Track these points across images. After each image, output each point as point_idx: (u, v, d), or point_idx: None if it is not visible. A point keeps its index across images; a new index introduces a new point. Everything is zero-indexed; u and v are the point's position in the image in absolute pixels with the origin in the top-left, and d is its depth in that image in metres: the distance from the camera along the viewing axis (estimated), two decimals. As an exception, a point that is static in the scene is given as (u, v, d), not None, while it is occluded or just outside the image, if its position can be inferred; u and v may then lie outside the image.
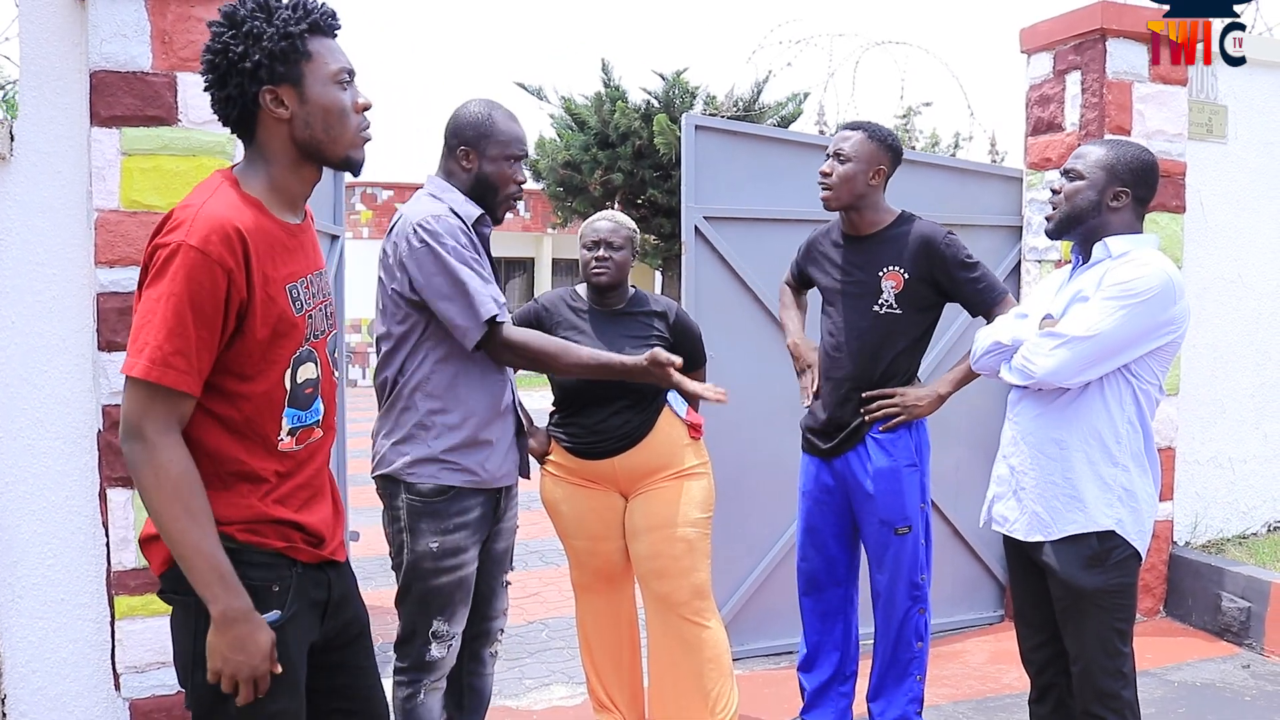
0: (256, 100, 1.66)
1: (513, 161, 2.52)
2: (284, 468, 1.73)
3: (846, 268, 3.04)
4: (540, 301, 3.12)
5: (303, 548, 1.75)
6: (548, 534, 6.18)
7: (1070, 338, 2.24)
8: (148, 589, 2.90)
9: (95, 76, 2.82)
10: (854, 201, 2.96)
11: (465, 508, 2.43)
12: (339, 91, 1.71)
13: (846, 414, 3.01)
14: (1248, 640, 4.12)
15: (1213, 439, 4.69)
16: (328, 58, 1.70)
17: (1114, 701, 2.32)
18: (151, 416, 1.57)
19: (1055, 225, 2.42)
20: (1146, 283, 2.22)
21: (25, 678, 2.93)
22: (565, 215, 16.99)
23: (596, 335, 2.98)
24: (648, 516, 3.02)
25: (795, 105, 15.20)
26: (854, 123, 3.01)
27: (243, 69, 1.64)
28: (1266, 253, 4.77)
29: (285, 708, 1.71)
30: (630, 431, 2.99)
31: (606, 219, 3.08)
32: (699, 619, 2.98)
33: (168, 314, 1.55)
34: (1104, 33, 4.21)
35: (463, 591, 2.48)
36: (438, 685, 2.53)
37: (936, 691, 3.75)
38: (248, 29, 1.64)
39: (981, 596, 4.56)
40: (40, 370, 2.91)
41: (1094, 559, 2.30)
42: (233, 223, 1.60)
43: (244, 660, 1.61)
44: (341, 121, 1.72)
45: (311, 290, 1.78)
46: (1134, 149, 2.39)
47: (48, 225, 2.89)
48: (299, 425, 1.75)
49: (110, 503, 2.89)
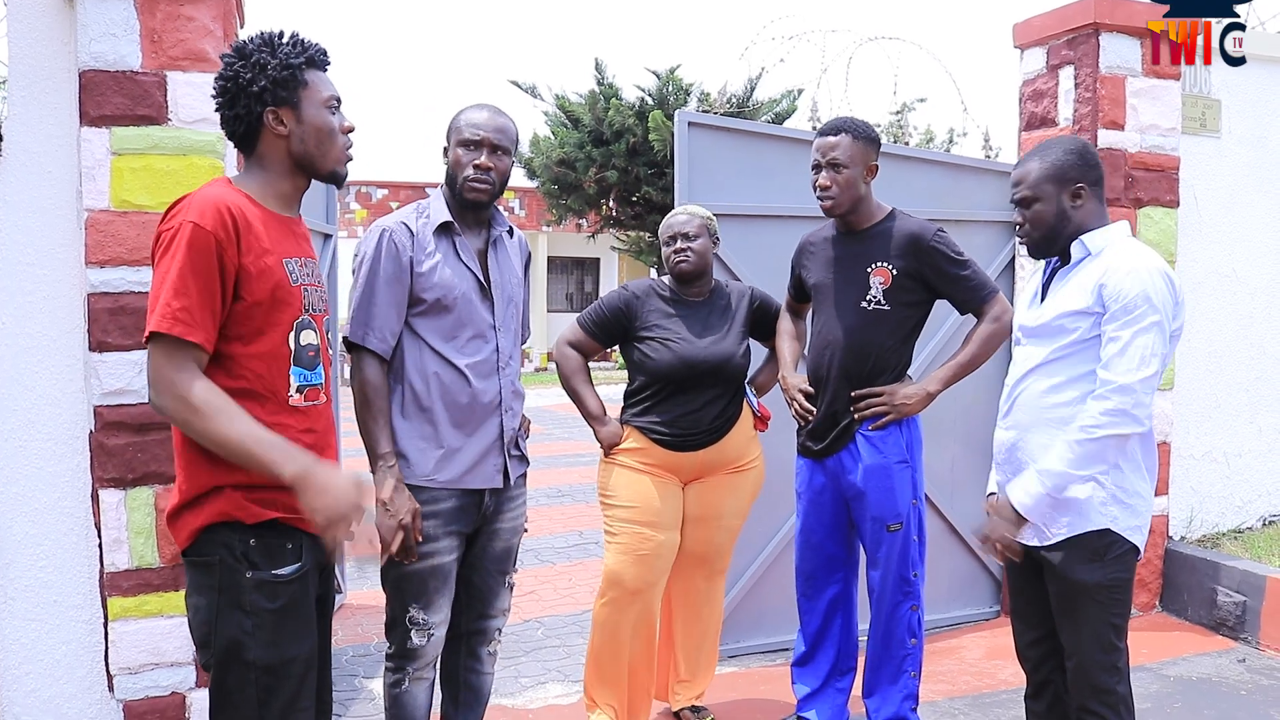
0: (261, 119, 1.97)
1: (468, 147, 2.53)
2: (301, 425, 1.95)
3: (837, 264, 3.03)
4: (631, 289, 3.20)
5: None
6: (545, 532, 6.20)
7: (1120, 384, 2.20)
8: (140, 590, 2.89)
9: (84, 76, 2.80)
10: (854, 205, 2.96)
11: (435, 497, 2.48)
12: (329, 115, 2.01)
13: (837, 412, 3.00)
14: (1243, 634, 4.12)
15: (1208, 434, 4.69)
16: (321, 87, 2.01)
17: (1109, 697, 2.32)
18: (172, 365, 1.79)
19: (1035, 249, 2.43)
20: (1143, 292, 2.22)
21: (18, 679, 2.92)
22: (560, 213, 16.97)
23: (684, 321, 3.10)
24: (705, 506, 3.20)
25: (789, 102, 15.19)
26: (834, 125, 2.96)
27: (250, 92, 1.94)
28: (1260, 247, 4.77)
29: (300, 653, 1.92)
30: (723, 424, 3.13)
31: (682, 212, 3.22)
32: (715, 596, 3.36)
33: (174, 279, 1.79)
34: (1097, 27, 4.22)
35: (438, 580, 2.51)
36: (422, 675, 2.58)
37: (933, 687, 3.75)
38: (255, 60, 1.95)
39: (977, 592, 4.56)
40: (31, 371, 2.89)
41: (1091, 555, 2.30)
42: (224, 201, 1.86)
43: (333, 501, 1.80)
44: (330, 140, 2.02)
45: (305, 270, 2.02)
46: (1064, 145, 2.39)
47: (38, 225, 2.88)
48: (306, 384, 1.98)
49: (102, 504, 2.88)
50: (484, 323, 2.54)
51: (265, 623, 1.87)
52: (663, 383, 3.06)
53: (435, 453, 2.48)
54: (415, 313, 2.49)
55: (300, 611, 1.93)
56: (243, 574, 1.86)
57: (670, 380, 3.05)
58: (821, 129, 2.98)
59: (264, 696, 1.88)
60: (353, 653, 4.14)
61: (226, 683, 1.88)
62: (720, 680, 3.77)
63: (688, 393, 3.06)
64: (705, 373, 3.04)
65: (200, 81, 2.86)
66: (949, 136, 14.48)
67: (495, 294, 2.58)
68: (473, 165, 2.52)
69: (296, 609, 1.92)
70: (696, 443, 3.08)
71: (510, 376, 2.60)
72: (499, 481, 2.57)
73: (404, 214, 2.58)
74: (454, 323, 2.50)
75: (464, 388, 2.49)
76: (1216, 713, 3.50)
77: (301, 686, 1.93)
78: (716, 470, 3.16)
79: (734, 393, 3.14)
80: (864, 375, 2.96)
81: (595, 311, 3.21)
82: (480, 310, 2.54)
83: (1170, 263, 4.42)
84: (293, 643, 1.90)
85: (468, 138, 2.53)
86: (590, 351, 3.21)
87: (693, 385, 3.05)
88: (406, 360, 2.49)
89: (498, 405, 2.55)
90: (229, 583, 1.87)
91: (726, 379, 3.09)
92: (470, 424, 2.51)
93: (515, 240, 2.75)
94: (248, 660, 1.87)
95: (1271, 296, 4.80)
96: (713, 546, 3.24)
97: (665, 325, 3.08)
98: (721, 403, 3.10)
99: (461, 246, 2.54)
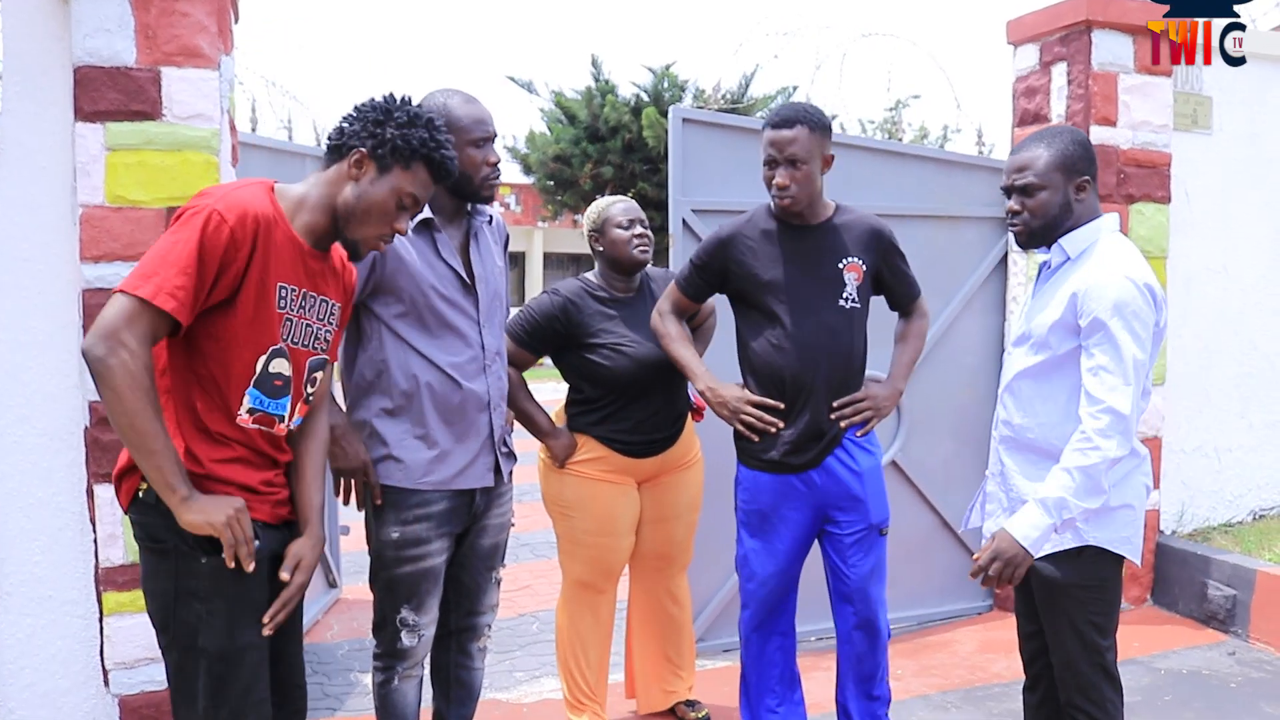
0: (351, 150, 1.99)
1: (478, 145, 2.48)
2: (238, 436, 1.93)
3: (799, 260, 2.76)
4: (563, 293, 3.05)
5: (257, 506, 1.95)
6: (538, 527, 6.19)
7: (1109, 405, 2.16)
8: (135, 585, 2.89)
9: (79, 71, 2.81)
10: (812, 199, 2.76)
11: (427, 499, 2.45)
12: (394, 204, 2.01)
13: (823, 422, 2.77)
14: (1233, 628, 4.15)
15: (1199, 428, 4.72)
16: (413, 183, 2.02)
17: (1094, 693, 2.31)
18: (134, 327, 1.74)
19: (1029, 239, 2.34)
20: (1116, 302, 2.17)
21: (15, 675, 2.93)
22: (555, 209, 16.98)
23: (625, 321, 3.01)
24: (663, 506, 3.17)
25: (784, 99, 15.21)
26: (786, 116, 2.69)
27: (366, 127, 1.99)
28: (1252, 243, 4.79)
29: (253, 641, 1.92)
30: (679, 428, 3.10)
31: (622, 199, 3.12)
32: (681, 593, 3.35)
33: (184, 257, 1.77)
34: (1089, 24, 4.23)
35: (429, 582, 2.49)
36: (411, 673, 2.56)
37: (925, 681, 3.77)
38: (392, 112, 2.00)
39: (970, 587, 4.57)
40: (26, 366, 2.90)
41: (1066, 555, 2.27)
42: (256, 210, 1.85)
43: (216, 511, 1.82)
44: (376, 221, 2.01)
45: (302, 304, 1.98)
46: (1070, 135, 2.33)
47: (32, 221, 2.88)
48: (260, 409, 1.94)
49: (98, 499, 2.88)
50: (467, 320, 2.49)
51: (217, 609, 1.88)
52: (620, 390, 3.00)
53: (428, 454, 2.44)
54: (395, 314, 2.42)
55: (251, 599, 1.93)
56: (196, 560, 1.87)
57: (629, 387, 2.99)
58: (772, 120, 2.70)
59: (218, 685, 1.89)
60: (348, 647, 4.15)
61: (184, 670, 1.91)
62: (715, 674, 3.78)
63: (646, 396, 3.01)
64: (660, 374, 2.99)
65: (195, 77, 2.86)
66: (943, 133, 14.49)
67: (480, 289, 2.52)
68: (487, 163, 2.48)
69: (247, 596, 1.92)
70: (660, 447, 3.06)
71: (497, 373, 2.55)
72: (491, 480, 2.55)
73: None
74: (436, 323, 2.43)
75: (453, 389, 2.45)
76: (1206, 705, 3.53)
77: (255, 676, 1.93)
78: (669, 470, 3.13)
79: (682, 389, 3.12)
80: (850, 378, 2.80)
81: (527, 321, 3.03)
82: (464, 307, 2.48)
83: (1162, 259, 4.44)
84: (244, 631, 1.91)
85: (479, 136, 2.47)
86: (524, 364, 3.03)
87: (651, 388, 3.00)
88: (391, 362, 2.42)
89: (486, 404, 2.51)
90: (184, 569, 1.88)
91: (676, 376, 3.02)
92: (460, 424, 2.47)
93: (494, 226, 2.68)
94: (201, 647, 1.88)
95: (1262, 292, 4.83)
96: (675, 544, 3.25)
97: (612, 329, 2.98)
98: (676, 401, 3.08)
99: (441, 242, 2.47)
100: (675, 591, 3.33)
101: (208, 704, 1.89)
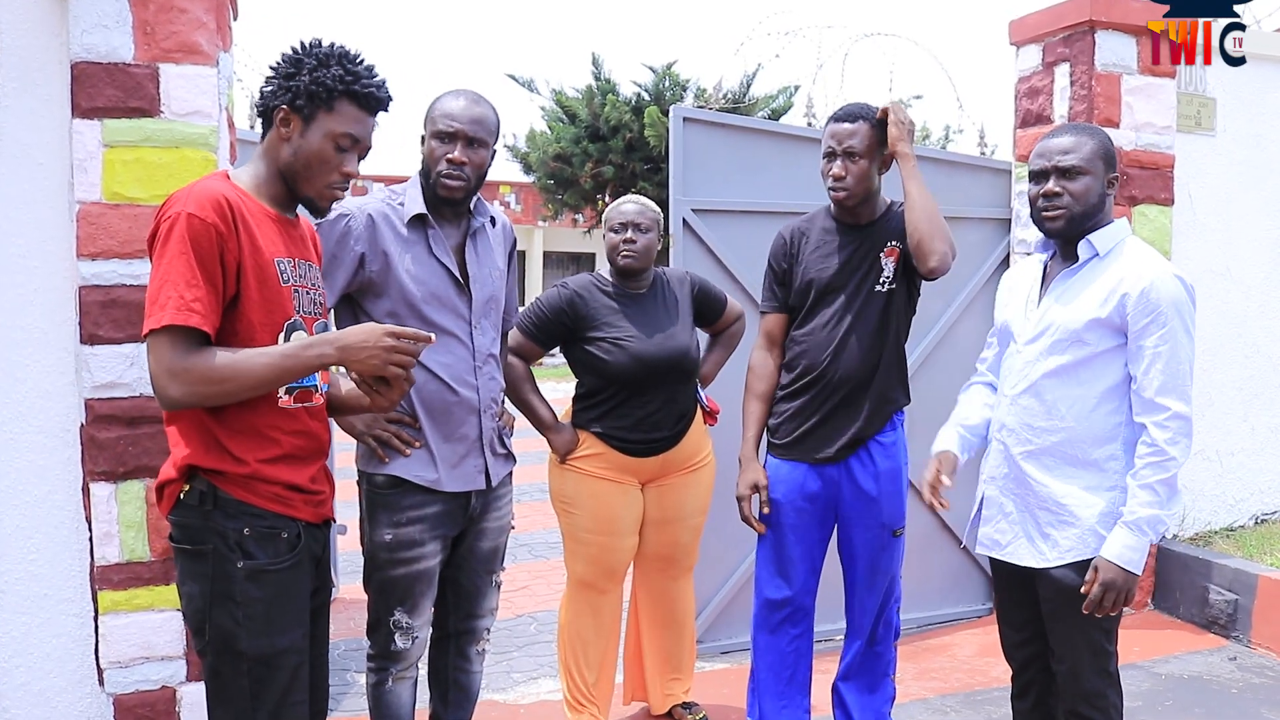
0: (275, 111, 1.95)
1: (442, 139, 2.42)
2: (290, 426, 1.94)
3: (849, 257, 2.84)
4: (571, 286, 3.07)
5: (301, 506, 1.96)
6: (536, 527, 6.18)
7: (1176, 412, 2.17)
8: (131, 584, 2.89)
9: (76, 68, 2.79)
10: (867, 196, 2.82)
11: (420, 501, 2.43)
12: (331, 149, 1.95)
13: (853, 416, 2.82)
14: (1235, 633, 4.13)
15: (1200, 432, 4.67)
16: (343, 121, 1.95)
17: (1100, 700, 2.30)
18: (182, 355, 1.77)
19: (1064, 228, 2.29)
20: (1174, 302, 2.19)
21: (8, 673, 2.91)
22: (556, 208, 16.96)
23: (630, 317, 3.01)
24: (666, 508, 3.14)
25: (785, 99, 15.19)
26: (850, 111, 2.79)
27: (279, 82, 1.94)
28: (1254, 245, 4.77)
29: (293, 644, 1.92)
30: (684, 425, 3.07)
31: (632, 201, 3.11)
32: (684, 597, 3.32)
33: (183, 271, 1.77)
34: (1093, 24, 4.22)
35: (423, 585, 2.48)
36: (406, 674, 2.56)
37: (924, 685, 3.75)
38: (301, 60, 1.94)
39: (969, 589, 4.56)
40: (22, 364, 2.88)
41: (1083, 562, 2.26)
42: (221, 193, 1.84)
43: (368, 345, 1.84)
44: (320, 171, 1.96)
45: (298, 272, 1.98)
46: (1103, 133, 2.35)
47: (29, 217, 2.86)
48: (297, 385, 1.95)
49: (93, 497, 2.87)
50: (458, 320, 2.46)
51: (256, 613, 1.87)
52: (619, 385, 2.99)
53: (416, 454, 2.43)
54: (384, 312, 2.39)
55: (293, 602, 1.93)
56: (234, 563, 1.86)
57: (627, 382, 2.98)
58: (836, 114, 2.80)
59: (257, 688, 1.88)
60: (344, 647, 4.13)
61: (220, 673, 1.89)
62: (712, 676, 3.77)
63: (645, 393, 2.99)
64: (661, 371, 2.98)
65: (193, 74, 2.85)
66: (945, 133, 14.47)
67: (474, 289, 2.49)
68: (445, 159, 2.41)
69: (289, 599, 1.92)
70: (660, 447, 3.04)
71: (489, 374, 2.52)
72: (480, 483, 2.52)
73: (376, 202, 2.46)
74: (424, 322, 2.39)
75: (442, 389, 2.43)
76: (1207, 711, 3.51)
77: (294, 679, 1.92)
78: (674, 471, 3.11)
79: (689, 389, 3.09)
80: (879, 364, 2.82)
81: (535, 313, 3.06)
82: (455, 306, 2.45)
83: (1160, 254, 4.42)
84: (284, 634, 1.90)
85: (441, 129, 2.41)
86: (533, 356, 3.07)
87: (650, 385, 2.99)
88: None
89: (476, 406, 2.48)
90: (220, 572, 1.86)
91: (681, 375, 3.02)
92: (448, 426, 2.45)
93: (499, 228, 2.65)
94: (239, 650, 1.87)
95: (1265, 295, 4.81)
96: (679, 547, 3.21)
97: (615, 324, 2.98)
98: (678, 401, 3.05)
99: (435, 240, 2.45)
100: (678, 595, 3.30)
101: (245, 706, 1.89)
